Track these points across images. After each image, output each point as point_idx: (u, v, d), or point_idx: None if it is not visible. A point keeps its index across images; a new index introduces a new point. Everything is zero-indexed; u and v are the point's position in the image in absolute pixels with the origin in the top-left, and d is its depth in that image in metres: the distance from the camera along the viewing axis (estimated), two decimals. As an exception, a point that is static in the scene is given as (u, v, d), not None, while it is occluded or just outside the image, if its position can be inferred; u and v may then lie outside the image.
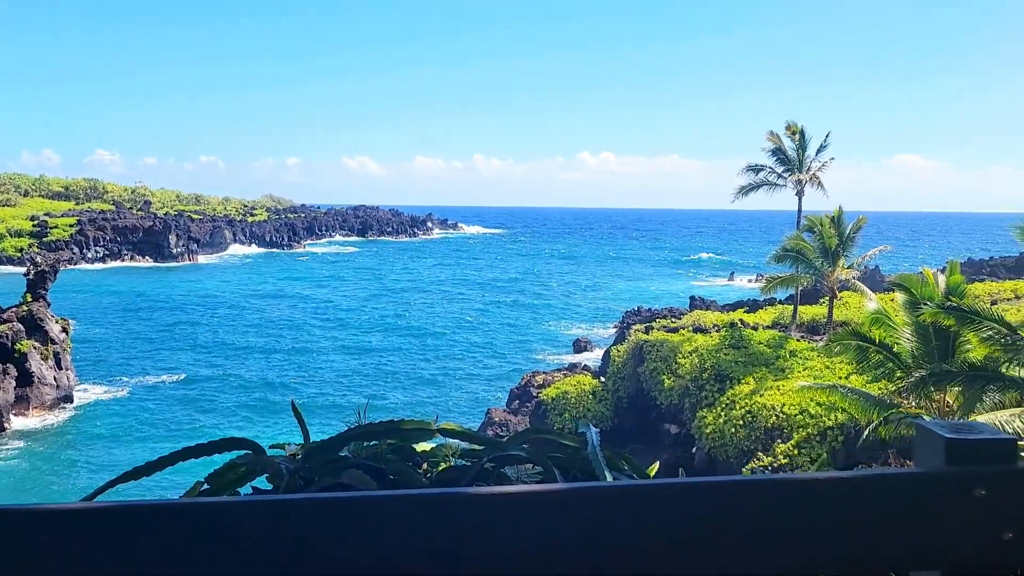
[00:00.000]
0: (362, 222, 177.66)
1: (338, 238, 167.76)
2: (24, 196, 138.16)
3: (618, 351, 39.43)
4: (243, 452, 3.16)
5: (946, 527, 1.40)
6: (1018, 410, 21.45)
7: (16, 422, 39.41)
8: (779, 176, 41.40)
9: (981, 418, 21.07)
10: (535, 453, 2.84)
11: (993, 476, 1.38)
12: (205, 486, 3.08)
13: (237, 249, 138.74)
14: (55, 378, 42.93)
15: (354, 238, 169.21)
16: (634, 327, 44.05)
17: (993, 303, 35.12)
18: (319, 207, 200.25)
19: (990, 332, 18.36)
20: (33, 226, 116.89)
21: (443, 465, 3.27)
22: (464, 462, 3.23)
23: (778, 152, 41.10)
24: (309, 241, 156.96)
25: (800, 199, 41.24)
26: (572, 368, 43.64)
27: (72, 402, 43.19)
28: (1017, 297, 42.75)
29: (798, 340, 36.70)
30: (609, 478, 2.60)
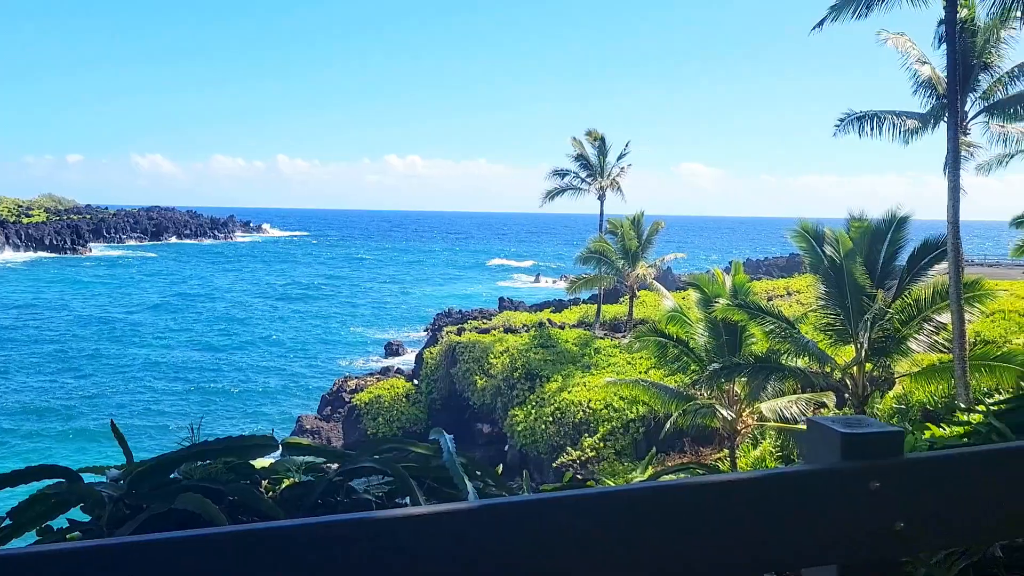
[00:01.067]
0: (156, 224, 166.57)
1: (131, 242, 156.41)
2: None
3: (431, 353, 39.52)
4: (55, 481, 2.84)
5: (842, 521, 1.45)
6: (795, 397, 23.65)
7: None
8: (583, 181, 43.21)
9: (763, 406, 23.03)
10: (388, 463, 2.76)
11: (885, 469, 1.46)
12: (6, 522, 2.75)
13: (10, 254, 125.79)
14: None
15: (148, 242, 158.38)
16: (446, 329, 44.31)
17: (769, 300, 38.35)
18: (107, 208, 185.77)
19: (772, 326, 20.10)
20: None
21: (287, 481, 3.10)
22: (309, 477, 3.08)
23: (581, 158, 42.86)
24: (96, 244, 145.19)
25: (602, 203, 43.24)
26: (385, 372, 43.25)
27: None
28: (789, 294, 47.18)
29: (602, 338, 38.43)
30: (469, 487, 2.57)
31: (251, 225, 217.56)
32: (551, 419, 31.76)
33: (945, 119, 21.03)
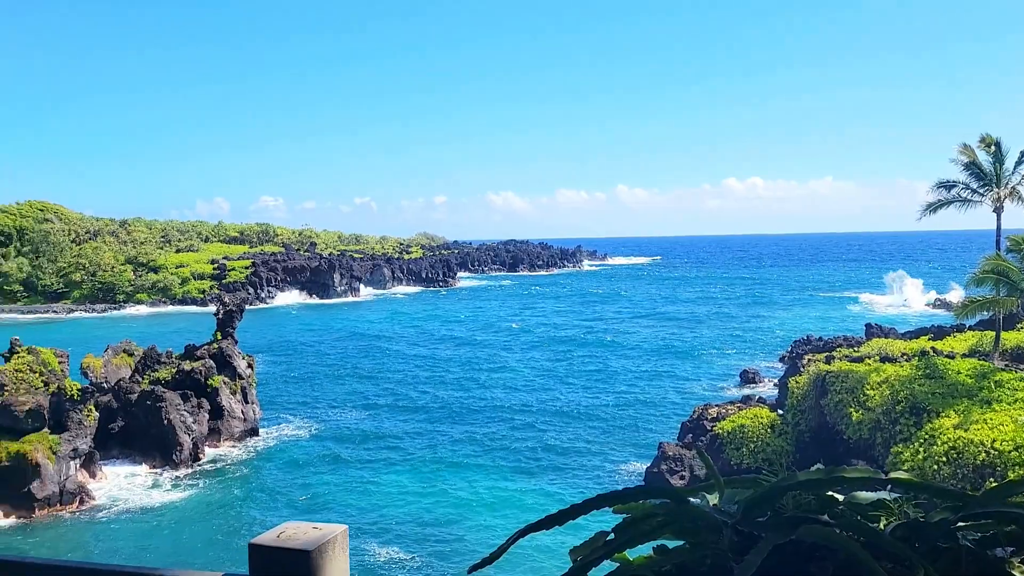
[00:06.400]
0: (512, 256, 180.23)
1: (492, 272, 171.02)
2: (205, 242, 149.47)
3: (797, 382, 37.55)
4: (660, 501, 2.89)
5: None
6: None
7: (209, 453, 41.98)
8: (974, 192, 38.36)
9: None
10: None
11: None
12: (610, 536, 2.81)
13: (396, 287, 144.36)
14: (243, 411, 45.53)
15: (505, 272, 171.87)
16: (808, 356, 42.00)
17: None
18: (470, 243, 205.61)
19: None
20: (213, 269, 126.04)
21: (884, 521, 2.87)
22: (919, 516, 2.81)
23: (973, 166, 38.09)
24: (463, 274, 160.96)
25: (999, 216, 37.97)
26: (746, 400, 41.97)
27: (258, 435, 45.60)
28: None
29: (1003, 369, 33.68)
30: None
31: (597, 254, 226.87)
32: (944, 459, 28.41)
33: None
